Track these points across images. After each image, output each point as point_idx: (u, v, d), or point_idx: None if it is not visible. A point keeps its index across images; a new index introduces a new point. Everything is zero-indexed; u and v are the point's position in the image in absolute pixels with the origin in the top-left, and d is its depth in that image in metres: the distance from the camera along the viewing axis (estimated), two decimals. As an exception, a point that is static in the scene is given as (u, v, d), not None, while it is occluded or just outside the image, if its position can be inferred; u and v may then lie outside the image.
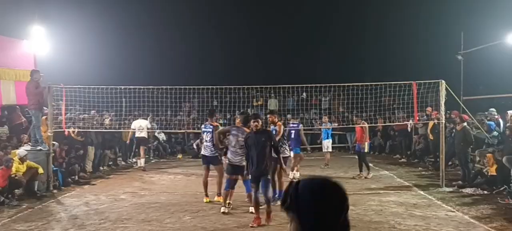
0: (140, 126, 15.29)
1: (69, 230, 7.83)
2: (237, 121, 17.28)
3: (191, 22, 25.26)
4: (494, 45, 16.77)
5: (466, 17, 20.18)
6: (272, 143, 8.13)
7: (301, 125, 13.17)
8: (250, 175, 8.15)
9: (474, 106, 15.36)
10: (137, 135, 15.36)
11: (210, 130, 10.05)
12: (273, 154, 9.17)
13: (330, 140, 15.76)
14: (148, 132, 15.85)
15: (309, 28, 26.06)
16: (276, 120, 10.50)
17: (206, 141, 10.11)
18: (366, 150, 13.31)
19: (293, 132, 12.44)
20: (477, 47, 18.07)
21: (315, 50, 25.53)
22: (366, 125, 13.37)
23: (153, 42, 24.14)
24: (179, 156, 18.73)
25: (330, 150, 15.54)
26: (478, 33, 18.34)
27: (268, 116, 11.18)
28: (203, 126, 10.45)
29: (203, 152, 10.24)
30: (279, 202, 9.29)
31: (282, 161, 9.04)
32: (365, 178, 12.90)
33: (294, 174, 12.36)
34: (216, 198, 9.96)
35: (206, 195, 10.10)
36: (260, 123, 8.13)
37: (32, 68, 12.33)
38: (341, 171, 14.40)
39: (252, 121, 8.05)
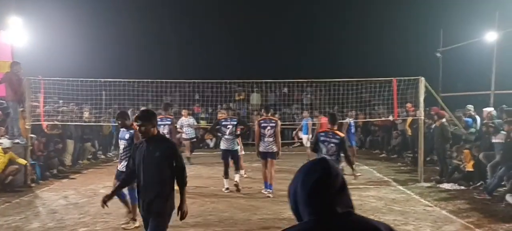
0: None
1: (47, 225, 7.71)
2: (219, 115, 17.40)
3: (171, 15, 25.06)
4: (472, 43, 17.10)
5: (445, 15, 20.51)
6: (175, 163, 4.83)
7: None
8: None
9: (452, 103, 15.64)
10: None
11: (169, 122, 10.66)
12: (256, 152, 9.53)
13: (309, 135, 15.81)
14: None
15: (292, 25, 26.11)
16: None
17: (163, 133, 10.29)
18: None
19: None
20: (456, 45, 18.42)
21: (297, 46, 25.62)
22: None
23: (134, 35, 23.88)
24: None
25: (308, 144, 15.66)
26: (457, 31, 18.68)
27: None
28: (158, 118, 10.49)
29: None
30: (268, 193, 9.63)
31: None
32: None
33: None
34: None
35: None
36: (144, 126, 4.73)
37: (10, 60, 12.07)
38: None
39: (134, 121, 4.99)
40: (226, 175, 10.49)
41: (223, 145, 10.50)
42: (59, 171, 12.64)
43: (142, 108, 15.14)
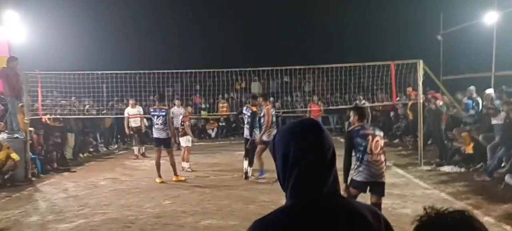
0: (140, 113, 15.19)
1: (47, 218, 7.75)
2: (220, 105, 17.36)
3: (170, 5, 24.94)
4: (472, 25, 16.93)
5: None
6: None
7: (366, 103, 14.90)
8: None
9: (454, 85, 15.52)
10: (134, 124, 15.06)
11: (163, 113, 10.49)
12: (258, 137, 10.07)
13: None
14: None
15: (291, 12, 25.92)
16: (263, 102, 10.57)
17: (157, 124, 10.49)
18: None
19: None
20: (456, 27, 18.25)
21: (297, 34, 25.45)
22: (322, 108, 16.10)
23: (133, 27, 23.80)
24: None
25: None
26: (457, 13, 18.49)
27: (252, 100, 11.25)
28: (152, 109, 10.80)
29: (156, 135, 10.63)
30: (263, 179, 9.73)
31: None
32: None
33: None
34: (173, 179, 10.53)
35: (159, 176, 10.57)
36: None
37: (7, 55, 12.08)
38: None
39: None
40: (245, 156, 10.65)
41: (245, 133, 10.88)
42: (60, 165, 12.69)
43: (131, 100, 14.86)
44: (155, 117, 10.53)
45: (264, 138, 10.02)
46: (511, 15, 14.67)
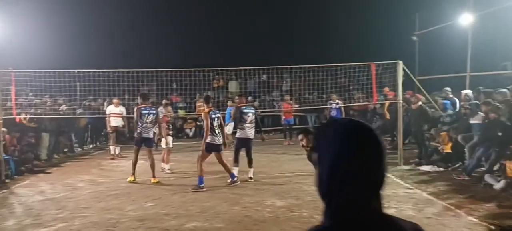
0: (122, 113, 14.75)
1: (24, 222, 7.46)
2: (198, 104, 17.07)
3: (146, 2, 24.56)
4: (447, 26, 17.22)
5: (420, -1, 20.61)
6: None
7: (340, 103, 15.66)
8: None
9: (429, 86, 15.76)
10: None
11: (154, 112, 10.47)
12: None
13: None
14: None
15: (270, 11, 25.89)
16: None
17: (146, 122, 10.31)
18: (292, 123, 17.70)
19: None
20: (431, 28, 18.55)
21: (275, 33, 25.43)
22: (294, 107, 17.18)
23: (108, 25, 23.29)
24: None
25: (230, 131, 14.03)
26: (432, 14, 18.79)
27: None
28: (142, 108, 10.40)
29: (139, 134, 10.39)
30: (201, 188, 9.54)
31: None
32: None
33: None
34: (152, 180, 10.30)
35: (133, 174, 10.41)
36: None
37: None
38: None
39: None
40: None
41: (243, 134, 10.27)
42: (35, 166, 12.29)
43: (115, 100, 14.57)
44: (146, 115, 10.30)
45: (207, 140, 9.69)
46: (485, 17, 15.00)
